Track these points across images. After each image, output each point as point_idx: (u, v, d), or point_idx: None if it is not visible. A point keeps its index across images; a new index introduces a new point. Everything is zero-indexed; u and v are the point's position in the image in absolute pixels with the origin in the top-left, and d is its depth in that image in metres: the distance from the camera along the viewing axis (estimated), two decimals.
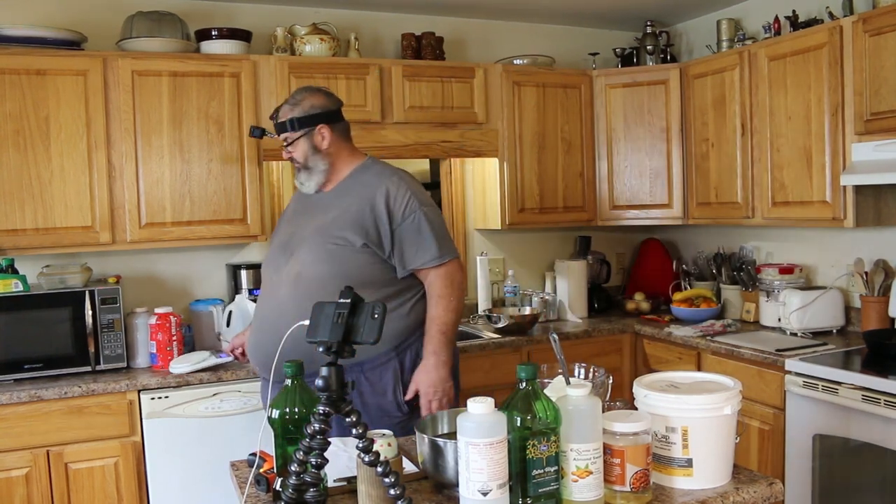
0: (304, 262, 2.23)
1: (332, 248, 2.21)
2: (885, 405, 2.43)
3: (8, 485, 2.65)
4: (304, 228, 2.31)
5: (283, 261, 2.29)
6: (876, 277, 3.10)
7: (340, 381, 1.35)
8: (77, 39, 3.04)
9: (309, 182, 2.36)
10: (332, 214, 2.28)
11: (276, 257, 2.33)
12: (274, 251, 2.38)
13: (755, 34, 3.65)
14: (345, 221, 2.24)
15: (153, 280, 3.41)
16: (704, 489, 1.49)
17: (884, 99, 2.77)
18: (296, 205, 2.49)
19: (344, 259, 2.21)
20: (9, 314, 2.80)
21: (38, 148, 2.92)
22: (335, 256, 2.21)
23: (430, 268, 2.25)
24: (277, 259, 2.32)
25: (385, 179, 2.30)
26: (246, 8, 3.55)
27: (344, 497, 1.51)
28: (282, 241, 2.36)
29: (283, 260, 2.30)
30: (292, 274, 2.25)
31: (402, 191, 2.27)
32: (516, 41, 4.07)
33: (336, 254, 2.21)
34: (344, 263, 2.20)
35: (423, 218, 2.26)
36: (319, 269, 2.21)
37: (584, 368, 1.84)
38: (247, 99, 3.20)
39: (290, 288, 2.24)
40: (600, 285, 4.10)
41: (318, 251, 2.23)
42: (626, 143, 3.89)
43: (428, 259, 2.25)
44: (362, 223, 2.23)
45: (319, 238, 2.25)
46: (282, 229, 2.44)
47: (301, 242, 2.28)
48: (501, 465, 1.31)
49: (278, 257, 2.32)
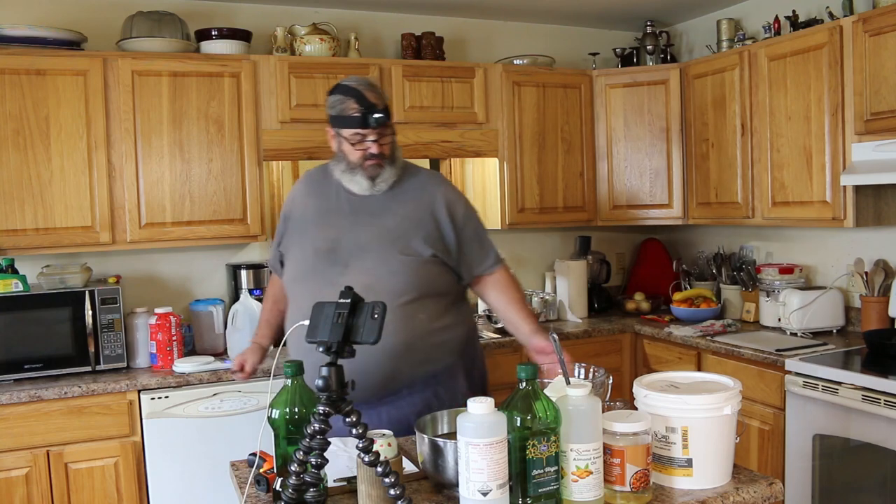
0: (374, 273, 2.04)
1: (405, 259, 2.06)
2: (885, 405, 2.43)
3: (8, 485, 2.65)
4: (357, 234, 2.10)
5: (336, 271, 2.05)
6: (876, 277, 3.10)
7: (340, 381, 1.35)
8: (77, 39, 3.04)
9: (384, 180, 2.13)
10: (393, 220, 2.11)
11: (321, 266, 2.08)
12: (310, 258, 2.12)
13: (755, 34, 3.65)
14: (410, 229, 2.10)
15: (153, 280, 3.40)
16: (704, 489, 1.49)
17: (884, 99, 2.77)
18: (319, 202, 2.21)
19: (416, 269, 2.08)
20: (9, 314, 2.80)
21: (38, 148, 2.92)
22: (408, 267, 2.06)
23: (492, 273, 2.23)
24: (323, 268, 2.08)
25: (440, 185, 2.22)
26: (246, 8, 3.55)
27: (344, 497, 1.51)
28: (323, 248, 2.11)
29: (334, 270, 2.06)
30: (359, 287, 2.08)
31: (458, 196, 2.23)
32: (516, 41, 4.07)
33: (409, 265, 2.07)
34: (417, 274, 2.07)
35: (479, 223, 2.24)
36: (394, 281, 2.04)
37: (584, 368, 1.84)
38: (247, 99, 3.20)
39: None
40: (600, 285, 4.10)
41: (390, 262, 2.06)
42: (626, 143, 3.88)
43: (490, 264, 2.22)
44: (427, 231, 2.11)
45: (389, 247, 2.07)
46: (312, 232, 2.17)
47: (360, 251, 2.08)
48: (501, 465, 1.30)
49: (325, 267, 2.08)
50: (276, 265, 2.35)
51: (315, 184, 2.27)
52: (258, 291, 3.28)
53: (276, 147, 3.27)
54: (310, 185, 2.29)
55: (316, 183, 2.27)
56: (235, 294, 3.30)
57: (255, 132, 3.23)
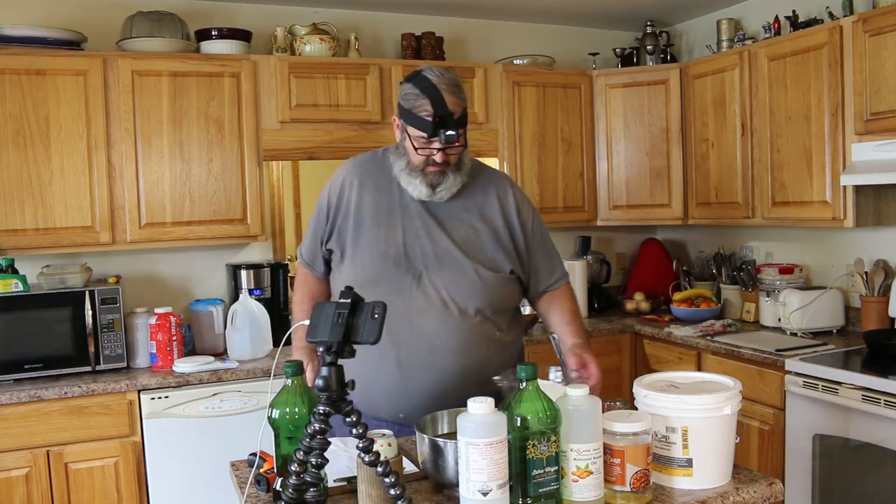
0: (449, 289, 1.89)
1: (482, 276, 1.91)
2: (885, 405, 2.43)
3: (8, 485, 2.65)
4: (429, 242, 1.92)
5: (408, 281, 1.89)
6: (876, 277, 3.10)
7: (341, 381, 1.35)
8: (77, 39, 3.04)
9: (447, 189, 1.93)
10: (465, 231, 1.94)
11: (390, 274, 1.90)
12: (377, 263, 1.92)
13: (755, 34, 3.65)
14: (486, 242, 1.94)
15: (153, 280, 3.40)
16: (704, 489, 1.49)
17: (884, 99, 2.77)
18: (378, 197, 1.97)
19: (493, 287, 1.93)
20: (9, 314, 2.80)
21: (38, 148, 2.92)
22: (486, 284, 1.91)
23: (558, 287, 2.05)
24: (393, 276, 1.89)
25: (509, 188, 2.02)
26: (246, 8, 3.55)
27: (344, 497, 1.51)
28: (391, 253, 1.91)
29: (406, 280, 1.89)
30: (437, 302, 1.88)
31: (526, 199, 2.04)
32: (516, 41, 4.07)
33: (486, 281, 1.91)
34: (494, 291, 1.93)
35: (546, 230, 2.05)
36: (471, 299, 1.90)
37: (562, 371, 1.82)
38: (247, 99, 3.20)
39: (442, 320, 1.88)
40: (600, 285, 4.10)
41: (466, 279, 1.90)
42: (626, 143, 3.89)
43: (559, 276, 2.05)
44: (502, 243, 1.96)
45: (464, 262, 1.91)
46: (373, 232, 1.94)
47: (435, 263, 1.90)
48: (501, 465, 1.30)
49: (395, 275, 1.90)
50: (315, 262, 2.09)
51: (369, 175, 2.00)
52: (258, 291, 3.29)
53: (276, 147, 3.27)
54: (363, 176, 2.00)
55: (370, 174, 2.00)
56: (235, 294, 3.30)
57: (255, 132, 3.23)
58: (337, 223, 1.99)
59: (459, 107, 1.86)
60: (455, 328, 1.88)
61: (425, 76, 1.86)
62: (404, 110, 1.88)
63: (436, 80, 1.85)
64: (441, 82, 1.84)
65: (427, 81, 1.84)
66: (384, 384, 1.89)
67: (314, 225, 2.06)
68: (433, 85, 1.83)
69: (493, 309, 1.94)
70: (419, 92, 1.84)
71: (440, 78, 1.86)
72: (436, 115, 1.81)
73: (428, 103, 1.82)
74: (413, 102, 1.85)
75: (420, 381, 1.88)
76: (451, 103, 1.83)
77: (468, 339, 1.90)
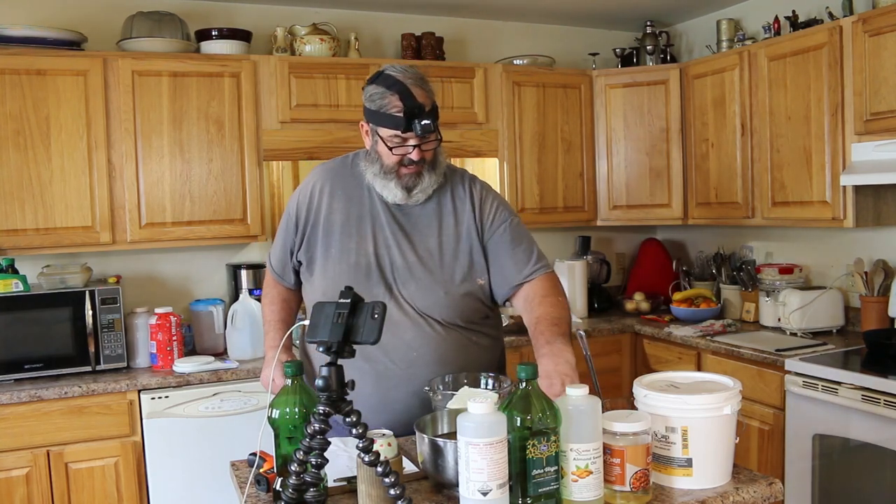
0: (421, 301, 1.86)
1: (454, 289, 1.88)
2: (885, 405, 2.43)
3: (8, 485, 2.65)
4: (399, 253, 1.88)
5: (379, 293, 1.85)
6: (876, 277, 3.10)
7: (340, 381, 1.35)
8: (77, 39, 3.04)
9: (423, 190, 1.88)
10: (437, 240, 1.91)
11: (361, 285, 1.81)
12: (346, 273, 1.87)
13: (755, 34, 3.65)
14: (458, 251, 1.91)
15: (153, 280, 3.41)
16: (704, 489, 1.49)
17: (884, 99, 2.77)
18: (348, 205, 1.93)
19: (459, 299, 1.89)
20: (9, 314, 2.80)
21: (38, 148, 2.92)
22: (454, 298, 1.88)
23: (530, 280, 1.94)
24: (363, 288, 1.82)
25: (467, 179, 1.99)
26: (246, 8, 3.55)
27: (344, 497, 1.51)
28: (362, 263, 1.88)
29: (376, 292, 1.84)
30: (410, 313, 1.86)
31: (487, 191, 1.99)
32: (516, 41, 4.07)
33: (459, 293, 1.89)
34: (462, 302, 1.89)
35: (518, 222, 2.00)
36: (444, 311, 1.87)
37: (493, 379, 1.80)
38: (247, 99, 3.20)
39: (417, 331, 1.85)
40: (600, 285, 4.10)
41: (438, 291, 1.87)
42: (626, 143, 3.89)
43: (533, 269, 1.94)
44: (472, 244, 1.92)
45: (437, 273, 1.88)
46: (343, 242, 1.90)
47: (406, 274, 1.87)
48: (501, 465, 1.30)
49: (365, 286, 1.83)
50: (286, 274, 2.04)
51: (340, 182, 1.95)
52: (258, 291, 3.28)
53: (276, 147, 3.27)
54: (333, 182, 1.95)
55: (341, 181, 1.95)
56: (235, 294, 3.31)
57: (255, 132, 3.23)
58: (307, 232, 1.95)
59: (429, 99, 1.81)
60: (430, 338, 1.85)
61: (389, 74, 1.82)
62: (372, 112, 1.83)
63: (400, 76, 1.80)
64: (406, 77, 1.80)
65: (391, 78, 1.80)
66: (365, 401, 1.79)
67: (283, 235, 2.01)
68: (398, 80, 1.79)
69: (464, 319, 1.90)
70: (385, 89, 1.79)
71: (404, 73, 1.81)
72: (406, 110, 1.76)
73: (396, 98, 1.77)
74: (380, 102, 1.80)
75: (398, 392, 1.85)
76: (419, 96, 1.79)
77: (444, 349, 1.88)
